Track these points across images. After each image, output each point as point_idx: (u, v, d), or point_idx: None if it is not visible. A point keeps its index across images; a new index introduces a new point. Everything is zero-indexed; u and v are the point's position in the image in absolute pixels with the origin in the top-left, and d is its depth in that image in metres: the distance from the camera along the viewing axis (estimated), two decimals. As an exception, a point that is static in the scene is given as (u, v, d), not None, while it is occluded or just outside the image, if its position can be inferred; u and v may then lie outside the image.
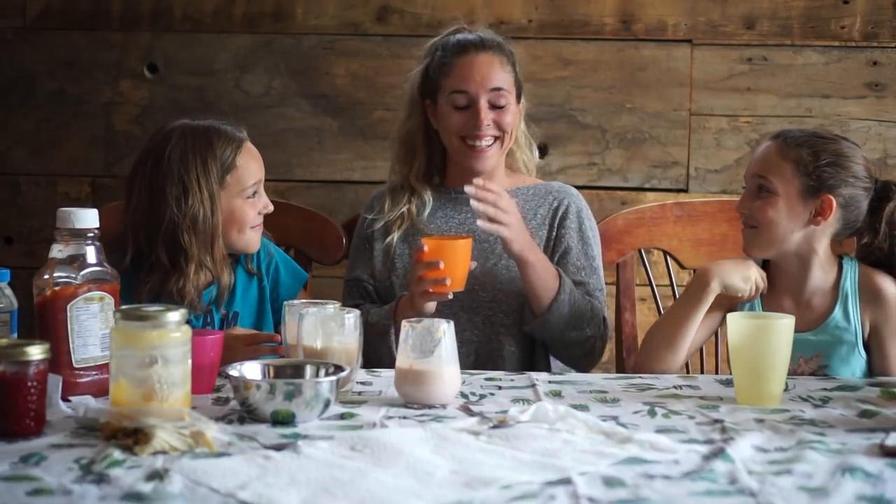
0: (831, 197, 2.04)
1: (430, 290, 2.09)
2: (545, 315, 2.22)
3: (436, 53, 2.35)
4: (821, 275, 2.10)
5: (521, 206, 2.34)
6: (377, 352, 2.20)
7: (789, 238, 2.07)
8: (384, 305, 2.30)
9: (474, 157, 2.30)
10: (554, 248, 2.34)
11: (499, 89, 2.29)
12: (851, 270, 2.10)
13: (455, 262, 2.08)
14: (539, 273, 2.20)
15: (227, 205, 2.14)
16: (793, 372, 1.95)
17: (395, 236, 2.35)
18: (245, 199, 2.16)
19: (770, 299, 2.14)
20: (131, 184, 2.15)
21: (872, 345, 2.08)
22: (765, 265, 2.16)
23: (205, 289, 2.15)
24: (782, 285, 2.13)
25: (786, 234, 2.07)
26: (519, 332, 2.30)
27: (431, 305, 2.16)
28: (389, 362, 2.06)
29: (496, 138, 2.30)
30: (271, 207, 2.21)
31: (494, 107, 2.29)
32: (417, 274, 2.10)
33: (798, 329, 1.91)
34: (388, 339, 2.20)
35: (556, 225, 2.35)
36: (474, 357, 2.29)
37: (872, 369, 2.08)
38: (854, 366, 2.07)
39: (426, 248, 2.08)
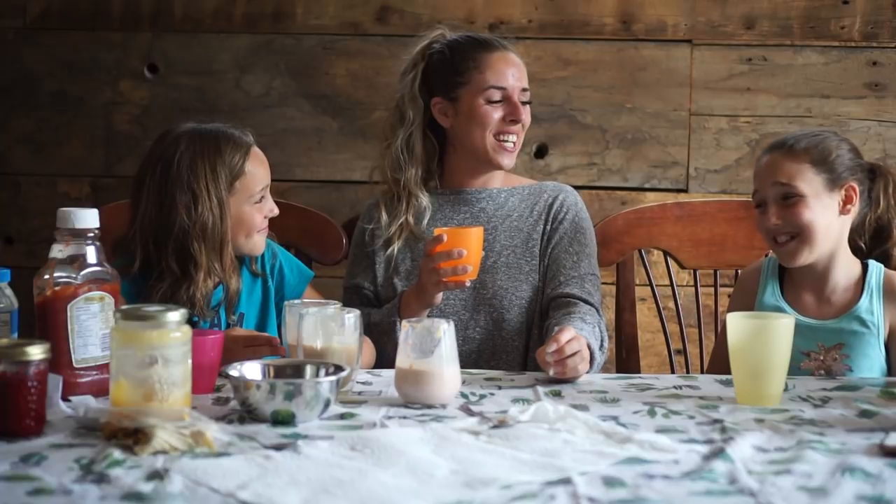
0: (853, 184, 2.11)
1: (446, 280, 2.08)
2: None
3: (444, 52, 2.35)
4: (844, 271, 2.13)
5: (517, 204, 2.40)
6: (382, 350, 2.20)
7: (829, 234, 2.10)
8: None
9: (504, 154, 2.33)
10: (549, 239, 2.36)
11: (526, 90, 2.35)
12: (877, 270, 2.14)
13: (472, 250, 2.07)
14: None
15: (235, 210, 2.13)
16: (808, 358, 2.07)
17: (395, 247, 2.35)
18: (253, 204, 2.16)
19: (791, 294, 2.16)
20: (139, 190, 2.13)
21: (891, 346, 2.10)
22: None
23: (213, 290, 2.14)
24: (804, 281, 2.16)
25: (825, 230, 2.09)
26: (522, 327, 2.31)
27: (439, 297, 2.16)
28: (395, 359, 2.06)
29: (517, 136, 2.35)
30: (277, 211, 2.21)
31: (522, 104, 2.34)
32: (433, 265, 2.08)
33: (819, 317, 2.07)
34: (393, 336, 2.20)
35: (550, 219, 2.38)
36: (476, 356, 2.30)
37: (891, 372, 2.10)
38: (874, 361, 2.09)
39: (444, 238, 2.06)
